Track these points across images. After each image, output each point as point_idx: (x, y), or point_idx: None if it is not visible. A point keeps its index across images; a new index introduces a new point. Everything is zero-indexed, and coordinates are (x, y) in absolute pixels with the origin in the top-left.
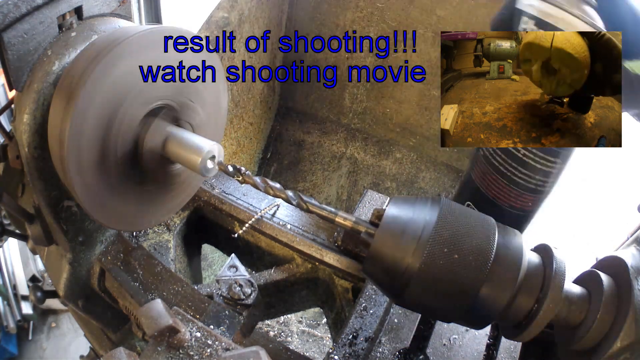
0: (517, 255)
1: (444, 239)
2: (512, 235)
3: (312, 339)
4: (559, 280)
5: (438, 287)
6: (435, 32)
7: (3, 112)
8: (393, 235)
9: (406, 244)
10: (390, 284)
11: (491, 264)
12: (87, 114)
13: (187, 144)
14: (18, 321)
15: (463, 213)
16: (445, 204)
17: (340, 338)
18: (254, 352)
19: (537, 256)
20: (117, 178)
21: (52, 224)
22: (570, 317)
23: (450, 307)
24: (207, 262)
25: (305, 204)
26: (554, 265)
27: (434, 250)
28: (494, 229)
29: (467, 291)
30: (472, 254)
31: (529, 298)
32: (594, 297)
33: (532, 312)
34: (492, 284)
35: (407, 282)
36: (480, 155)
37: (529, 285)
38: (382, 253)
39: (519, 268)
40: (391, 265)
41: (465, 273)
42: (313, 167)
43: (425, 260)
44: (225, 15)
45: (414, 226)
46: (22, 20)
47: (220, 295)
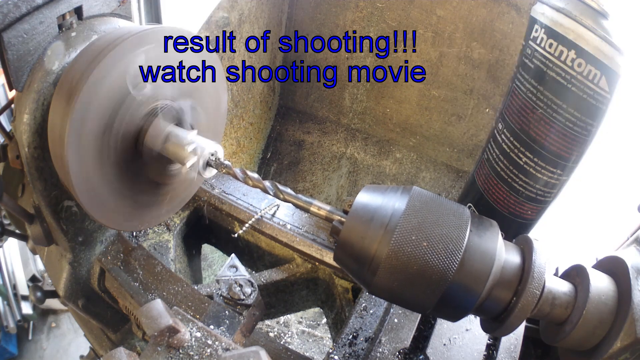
0: (491, 245)
1: (412, 226)
2: (487, 225)
3: (312, 339)
4: (538, 273)
5: (407, 274)
6: (435, 32)
7: (3, 112)
8: (362, 222)
9: (374, 231)
10: (360, 271)
11: (463, 253)
12: (87, 114)
13: (187, 144)
14: (18, 321)
15: (434, 201)
16: (416, 192)
17: (340, 338)
18: (254, 352)
19: (517, 247)
20: (117, 178)
21: (52, 224)
22: (554, 312)
23: (421, 295)
24: (207, 262)
25: (281, 194)
26: (534, 257)
27: (402, 238)
28: (467, 218)
29: (438, 280)
30: (442, 242)
31: (506, 290)
32: (580, 293)
33: (511, 305)
34: (464, 273)
35: (376, 270)
36: (484, 158)
37: (507, 277)
38: (351, 240)
39: (494, 258)
40: (360, 253)
41: (434, 261)
42: (313, 167)
43: (392, 248)
44: (225, 15)
45: (382, 213)
46: (22, 20)
47: (220, 295)
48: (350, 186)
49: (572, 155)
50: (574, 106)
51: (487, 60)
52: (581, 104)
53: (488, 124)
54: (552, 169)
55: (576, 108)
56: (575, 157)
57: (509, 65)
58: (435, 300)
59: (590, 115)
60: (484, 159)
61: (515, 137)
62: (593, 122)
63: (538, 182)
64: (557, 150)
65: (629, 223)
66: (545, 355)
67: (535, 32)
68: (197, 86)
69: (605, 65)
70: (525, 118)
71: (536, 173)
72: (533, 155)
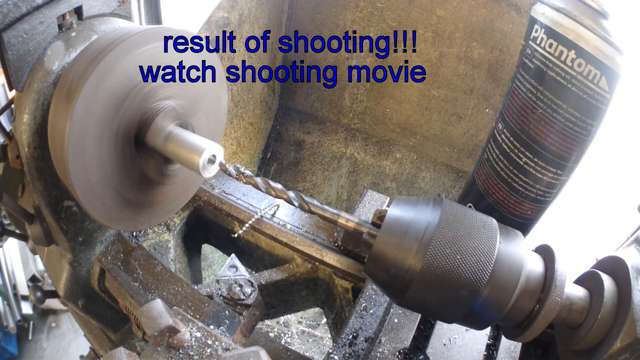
0: (519, 256)
1: (446, 240)
2: (513, 236)
3: (312, 339)
4: (560, 282)
5: (440, 288)
6: (435, 32)
7: (3, 112)
8: (395, 236)
9: (408, 245)
10: (392, 284)
11: (493, 265)
12: (87, 114)
13: (187, 144)
14: (18, 321)
15: (465, 214)
16: (447, 205)
17: (340, 338)
18: (254, 352)
19: (539, 257)
20: (117, 178)
21: (52, 224)
22: (571, 317)
23: (453, 308)
24: (207, 262)
25: (307, 205)
26: (556, 266)
27: (436, 252)
28: (496, 230)
29: (469, 292)
30: (474, 255)
31: (530, 299)
32: (594, 298)
33: (534, 312)
34: (494, 285)
35: (409, 283)
36: (484, 158)
37: (531, 287)
38: (384, 254)
39: (521, 269)
40: (393, 266)
41: (467, 274)
42: (313, 167)
43: (427, 261)
44: (225, 15)
45: (416, 227)
46: (22, 20)
47: (220, 295)
48: (350, 186)
49: (572, 155)
50: (574, 106)
51: (487, 60)
52: (581, 104)
53: (488, 124)
54: (552, 169)
55: (576, 108)
56: (575, 157)
57: (509, 65)
58: (465, 312)
59: (590, 115)
60: (484, 159)
61: (515, 137)
62: (593, 122)
63: (538, 182)
64: (557, 150)
65: (629, 223)
66: (545, 355)
67: (535, 32)
68: (197, 86)
69: (605, 65)
70: (525, 118)
71: (536, 173)
72: (533, 155)
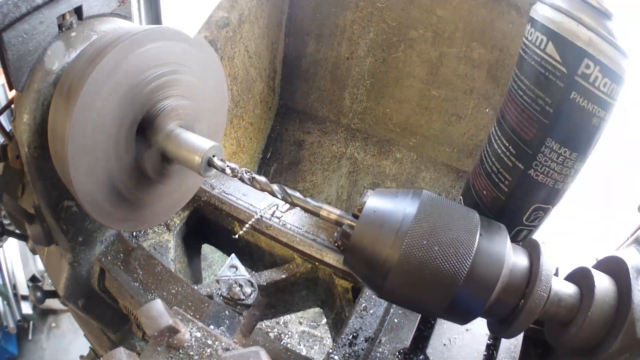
0: (501, 249)
1: (424, 231)
2: (496, 229)
3: (312, 339)
4: (545, 276)
5: (418, 279)
6: (435, 32)
7: (3, 112)
8: (373, 227)
9: (385, 236)
10: (371, 276)
11: (473, 257)
12: (87, 114)
13: (187, 144)
14: (18, 321)
15: (445, 206)
16: (426, 197)
17: (340, 338)
18: (254, 352)
19: (524, 251)
20: (117, 178)
21: (52, 224)
22: (560, 314)
23: (432, 300)
24: (207, 262)
25: (290, 198)
26: (541, 261)
27: (413, 243)
28: (477, 222)
29: (448, 284)
30: (453, 247)
31: (514, 293)
32: (585, 295)
33: (518, 307)
34: (474, 277)
35: (387, 275)
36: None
37: (515, 281)
38: (362, 245)
39: (503, 262)
40: (371, 258)
41: (445, 266)
42: (313, 167)
43: (404, 253)
44: (225, 15)
45: (393, 218)
46: (22, 20)
47: (220, 295)
48: (350, 186)
49: None
50: None
51: (487, 60)
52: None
53: (488, 124)
54: None
55: None
56: None
57: (509, 65)
58: (445, 305)
59: None
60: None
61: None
62: None
63: None
64: None
65: (629, 223)
66: (545, 355)
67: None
68: (197, 86)
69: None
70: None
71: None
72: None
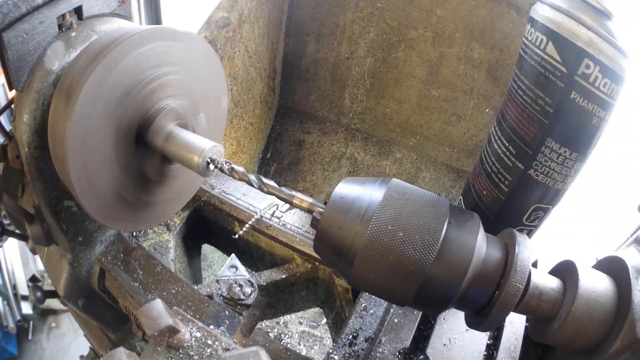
0: (471, 237)
1: (389, 217)
2: (467, 217)
3: (312, 339)
4: (521, 266)
5: (384, 265)
6: (435, 32)
7: (3, 112)
8: (339, 212)
9: (351, 222)
10: (338, 262)
11: (440, 244)
12: (87, 114)
13: (187, 144)
14: (18, 321)
15: (413, 193)
16: (394, 184)
17: (340, 338)
18: (254, 352)
19: (500, 240)
20: (117, 178)
21: (52, 224)
22: (542, 308)
23: (399, 287)
24: (207, 262)
25: (265, 187)
26: (516, 250)
27: (378, 228)
28: (446, 209)
29: (415, 271)
30: (419, 233)
31: (488, 283)
32: (569, 288)
33: (493, 299)
34: (442, 264)
35: (352, 260)
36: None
37: (488, 270)
38: (328, 231)
39: (473, 250)
40: (337, 243)
41: (410, 252)
42: (313, 167)
43: (369, 238)
44: (225, 15)
45: (359, 204)
46: (22, 20)
47: (220, 295)
48: None
49: None
50: None
51: (487, 60)
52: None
53: (488, 124)
54: None
55: None
56: None
57: (509, 65)
58: (414, 292)
59: None
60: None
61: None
62: None
63: None
64: None
65: (629, 223)
66: (545, 355)
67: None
68: (197, 86)
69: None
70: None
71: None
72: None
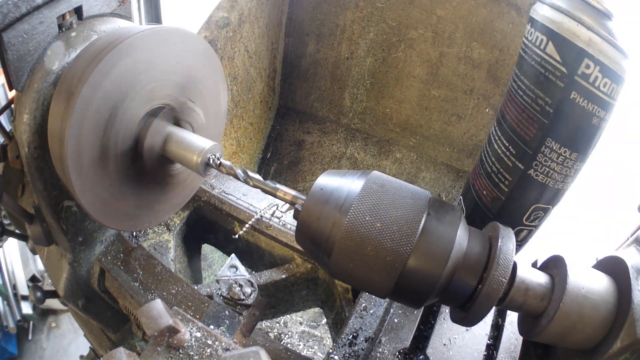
0: (451, 229)
1: (366, 208)
2: (448, 209)
3: (312, 339)
4: (504, 259)
5: (361, 256)
6: (435, 32)
7: (3, 112)
8: (318, 204)
9: (329, 213)
10: (318, 252)
11: (419, 236)
12: (87, 114)
13: (187, 144)
14: (18, 321)
15: (392, 185)
16: (374, 175)
17: (340, 338)
18: (254, 352)
19: (483, 234)
20: (117, 178)
21: (52, 224)
22: (529, 304)
23: (377, 277)
24: (207, 262)
25: (251, 180)
26: (499, 243)
27: (355, 219)
28: (425, 201)
29: (392, 262)
30: (396, 224)
31: (470, 277)
32: (557, 284)
33: (476, 293)
34: (421, 256)
35: (331, 251)
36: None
37: (470, 263)
38: (308, 222)
39: (453, 241)
40: (316, 234)
41: (388, 243)
42: (313, 167)
43: (346, 228)
44: (225, 15)
45: (337, 195)
46: (22, 20)
47: (220, 295)
48: None
49: None
50: None
51: (487, 60)
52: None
53: (488, 124)
54: None
55: None
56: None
57: (509, 65)
58: (392, 283)
59: None
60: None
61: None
62: None
63: None
64: None
65: (629, 223)
66: (545, 355)
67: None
68: (197, 86)
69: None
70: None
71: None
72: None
